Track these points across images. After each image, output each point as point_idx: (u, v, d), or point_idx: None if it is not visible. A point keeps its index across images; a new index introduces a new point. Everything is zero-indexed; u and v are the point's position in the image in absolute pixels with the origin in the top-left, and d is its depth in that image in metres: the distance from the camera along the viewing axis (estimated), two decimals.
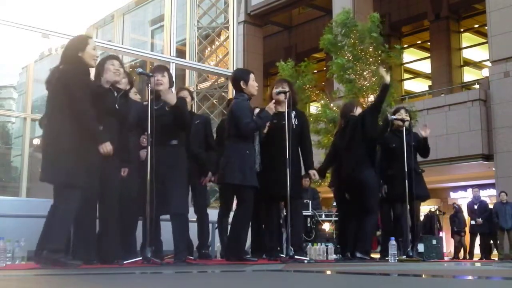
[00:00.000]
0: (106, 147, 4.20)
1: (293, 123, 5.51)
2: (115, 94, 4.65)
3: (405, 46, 21.47)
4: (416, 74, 22.03)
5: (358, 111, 6.53)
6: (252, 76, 5.34)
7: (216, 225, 6.49)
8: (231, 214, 5.83)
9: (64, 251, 4.03)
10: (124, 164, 4.66)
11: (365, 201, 6.14)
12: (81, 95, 4.13)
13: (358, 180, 6.13)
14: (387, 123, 6.64)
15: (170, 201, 4.64)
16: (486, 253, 13.13)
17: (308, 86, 13.41)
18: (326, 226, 8.26)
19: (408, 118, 6.63)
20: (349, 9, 13.58)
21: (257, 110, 5.77)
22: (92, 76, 4.53)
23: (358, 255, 6.06)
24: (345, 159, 6.34)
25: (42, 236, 4.42)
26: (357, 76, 12.70)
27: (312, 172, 5.65)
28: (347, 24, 12.80)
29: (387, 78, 6.27)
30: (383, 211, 6.85)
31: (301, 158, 5.62)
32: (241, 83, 5.31)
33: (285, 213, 5.51)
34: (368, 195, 6.15)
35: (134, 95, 5.36)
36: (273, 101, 5.32)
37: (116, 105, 4.58)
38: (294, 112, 5.58)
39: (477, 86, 17.45)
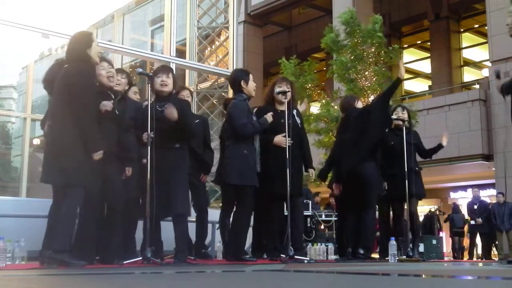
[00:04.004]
0: (98, 156, 4.11)
1: (298, 121, 5.58)
2: (113, 97, 4.57)
3: (405, 46, 21.46)
4: (416, 74, 22.02)
5: (359, 105, 6.52)
6: (251, 76, 5.40)
7: (218, 225, 6.47)
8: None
9: (69, 251, 4.02)
10: (127, 164, 4.65)
11: (364, 195, 6.08)
12: (84, 95, 4.09)
13: (359, 173, 6.06)
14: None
15: (173, 203, 4.62)
16: (485, 253, 13.14)
17: (310, 85, 13.39)
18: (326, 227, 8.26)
19: (405, 117, 6.62)
20: (353, 9, 13.56)
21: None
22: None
23: (361, 251, 6.00)
24: (347, 152, 6.26)
25: (46, 237, 4.41)
26: (358, 76, 12.68)
27: (311, 171, 5.79)
28: (350, 23, 12.78)
29: (402, 73, 6.24)
30: (382, 211, 6.83)
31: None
32: (242, 82, 5.33)
33: (285, 213, 5.49)
34: (368, 189, 6.09)
35: (133, 95, 5.32)
36: (271, 113, 5.32)
37: (116, 110, 4.50)
38: (295, 110, 5.63)
39: (477, 86, 17.44)
